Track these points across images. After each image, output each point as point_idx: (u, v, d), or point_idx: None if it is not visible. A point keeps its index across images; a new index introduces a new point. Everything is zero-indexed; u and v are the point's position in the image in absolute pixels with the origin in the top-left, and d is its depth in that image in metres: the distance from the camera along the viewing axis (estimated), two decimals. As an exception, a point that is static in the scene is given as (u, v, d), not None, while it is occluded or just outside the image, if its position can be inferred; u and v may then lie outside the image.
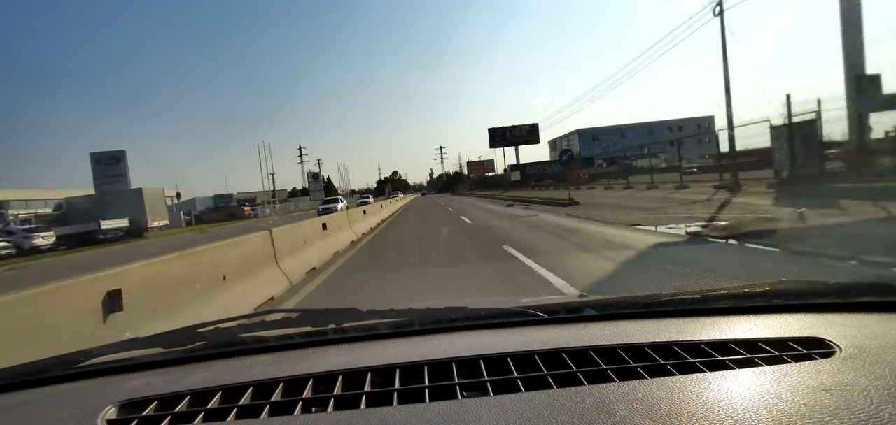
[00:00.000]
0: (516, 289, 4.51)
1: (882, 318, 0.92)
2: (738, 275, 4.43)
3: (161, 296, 3.19)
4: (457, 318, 1.08)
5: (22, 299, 2.26)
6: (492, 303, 1.27)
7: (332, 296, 5.04)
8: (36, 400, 0.86)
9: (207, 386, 0.81)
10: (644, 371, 0.75)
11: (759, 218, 7.76)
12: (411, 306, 1.23)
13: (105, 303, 2.61)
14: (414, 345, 0.96)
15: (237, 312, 2.32)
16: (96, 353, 1.02)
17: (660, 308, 1.09)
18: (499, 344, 0.91)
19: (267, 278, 4.93)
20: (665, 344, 0.85)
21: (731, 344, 0.84)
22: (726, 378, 0.70)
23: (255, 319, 1.17)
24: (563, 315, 1.09)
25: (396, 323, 1.09)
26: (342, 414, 0.68)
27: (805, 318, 0.95)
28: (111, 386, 0.88)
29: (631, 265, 5.20)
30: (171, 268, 3.42)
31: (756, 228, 6.56)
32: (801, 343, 0.82)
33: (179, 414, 0.74)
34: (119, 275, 2.81)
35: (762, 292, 1.09)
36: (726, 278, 4.22)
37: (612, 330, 0.96)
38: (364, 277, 6.06)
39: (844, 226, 6.60)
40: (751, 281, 1.29)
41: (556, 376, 0.76)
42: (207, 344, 1.04)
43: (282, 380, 0.81)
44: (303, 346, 1.02)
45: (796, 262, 4.66)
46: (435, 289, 4.86)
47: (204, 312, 3.43)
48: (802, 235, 6.18)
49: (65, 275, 3.78)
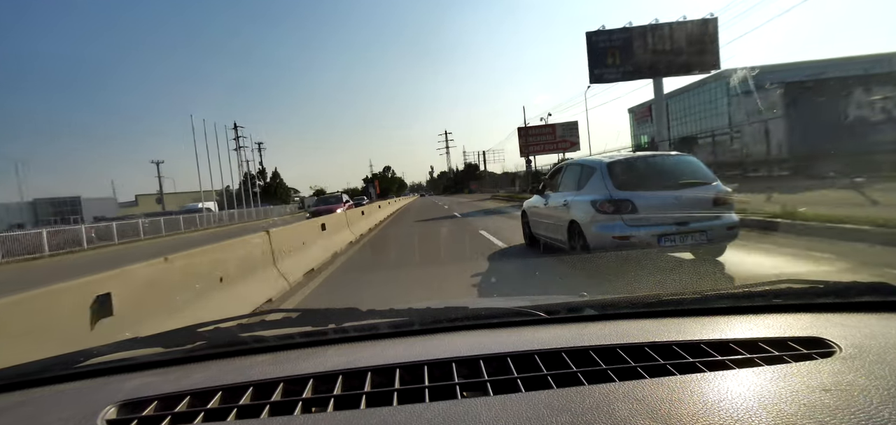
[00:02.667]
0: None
1: (882, 318, 0.92)
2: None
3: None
4: (457, 318, 1.08)
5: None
6: (492, 303, 1.27)
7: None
8: (36, 400, 0.86)
9: (207, 386, 0.81)
10: (644, 371, 0.75)
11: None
12: (411, 306, 1.23)
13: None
14: (414, 345, 0.96)
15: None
16: (96, 353, 1.02)
17: (660, 308, 1.09)
18: (499, 343, 0.91)
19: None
20: (665, 344, 0.85)
21: (731, 344, 0.84)
22: (726, 378, 0.70)
23: (254, 319, 1.17)
24: (563, 315, 1.09)
25: (396, 322, 1.09)
26: (342, 414, 0.68)
27: (805, 318, 0.95)
28: (111, 386, 0.88)
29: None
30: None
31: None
32: (801, 343, 0.82)
33: (179, 414, 0.74)
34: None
35: (762, 292, 1.09)
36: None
37: (612, 330, 0.96)
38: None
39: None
40: (751, 281, 1.29)
41: (556, 376, 0.76)
42: (207, 344, 1.04)
43: (282, 380, 0.81)
44: (303, 346, 1.02)
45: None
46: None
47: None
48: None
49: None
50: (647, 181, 4.83)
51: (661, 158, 5.57)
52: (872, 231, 5.37)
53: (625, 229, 4.49)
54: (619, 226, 4.53)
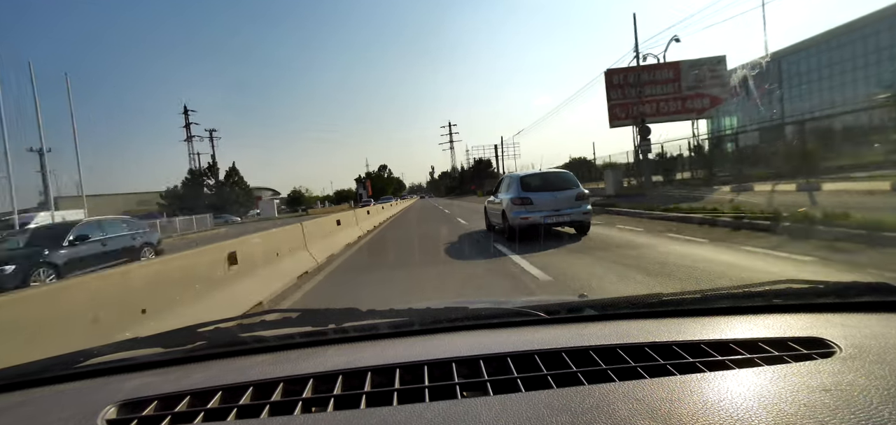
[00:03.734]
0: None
1: (882, 318, 0.92)
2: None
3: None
4: (457, 318, 1.08)
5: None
6: (492, 303, 1.27)
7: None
8: (36, 400, 0.86)
9: (207, 385, 0.81)
10: (644, 371, 0.75)
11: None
12: (411, 306, 1.23)
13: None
14: (414, 345, 0.96)
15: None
16: (96, 353, 1.02)
17: (660, 308, 1.09)
18: (499, 343, 0.91)
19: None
20: (665, 344, 0.85)
21: (731, 344, 0.84)
22: (726, 378, 0.70)
23: (255, 319, 1.17)
24: (563, 315, 1.09)
25: (396, 322, 1.09)
26: (342, 413, 0.68)
27: (805, 318, 0.95)
28: (111, 386, 0.88)
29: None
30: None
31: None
32: (801, 343, 0.83)
33: (179, 414, 0.74)
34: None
35: (762, 292, 1.09)
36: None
37: (612, 330, 0.96)
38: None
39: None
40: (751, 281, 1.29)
41: (556, 376, 0.76)
42: (207, 344, 1.04)
43: (282, 380, 0.81)
44: (303, 346, 1.02)
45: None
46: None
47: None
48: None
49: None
50: (540, 186, 8.12)
51: (550, 173, 8.78)
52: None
53: (526, 214, 7.81)
54: (524, 212, 7.83)
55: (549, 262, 5.66)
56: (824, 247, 5.20)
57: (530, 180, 8.28)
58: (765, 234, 6.35)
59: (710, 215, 8.07)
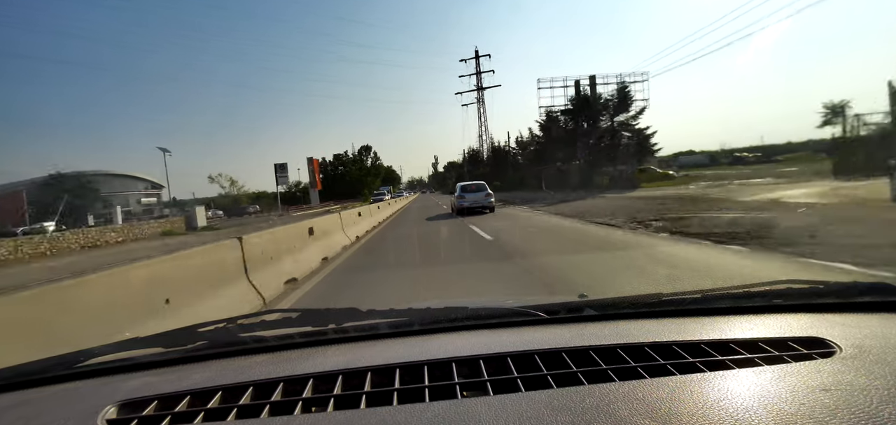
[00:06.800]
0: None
1: (882, 318, 0.92)
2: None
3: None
4: (457, 318, 1.08)
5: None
6: (492, 303, 1.27)
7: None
8: (36, 400, 0.86)
9: (207, 385, 0.81)
10: (644, 371, 0.75)
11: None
12: (411, 306, 1.23)
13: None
14: (414, 345, 0.96)
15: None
16: (96, 353, 1.02)
17: (660, 308, 1.09)
18: (499, 343, 0.91)
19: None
20: (665, 344, 0.85)
21: (731, 344, 0.84)
22: (726, 378, 0.70)
23: (254, 319, 1.17)
24: (563, 315, 1.09)
25: (396, 323, 1.09)
26: (342, 413, 0.68)
27: (805, 318, 0.95)
28: (111, 386, 0.88)
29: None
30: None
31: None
32: (801, 343, 0.83)
33: (179, 414, 0.74)
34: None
35: (762, 292, 1.09)
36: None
37: (612, 330, 0.96)
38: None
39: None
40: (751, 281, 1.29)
41: (556, 376, 0.76)
42: (207, 344, 1.04)
43: (282, 380, 0.81)
44: (303, 346, 1.02)
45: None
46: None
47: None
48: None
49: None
50: (468, 188, 16.91)
51: (473, 183, 17.55)
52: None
53: (462, 204, 16.18)
54: (461, 202, 16.26)
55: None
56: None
57: (466, 184, 17.45)
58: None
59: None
